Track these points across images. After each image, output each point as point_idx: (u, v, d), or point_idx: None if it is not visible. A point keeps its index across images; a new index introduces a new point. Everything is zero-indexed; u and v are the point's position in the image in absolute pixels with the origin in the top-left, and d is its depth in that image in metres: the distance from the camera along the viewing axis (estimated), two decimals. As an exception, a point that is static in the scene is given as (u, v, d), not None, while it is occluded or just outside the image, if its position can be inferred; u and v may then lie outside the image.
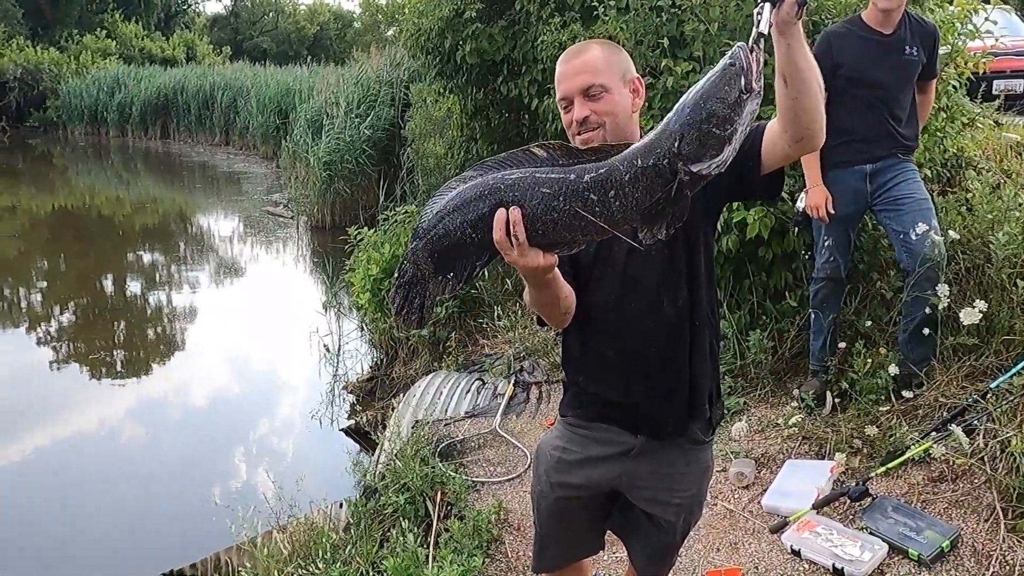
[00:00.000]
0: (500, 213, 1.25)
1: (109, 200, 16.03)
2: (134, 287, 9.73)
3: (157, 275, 10.36)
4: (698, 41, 4.08)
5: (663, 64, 4.05)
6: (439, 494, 3.10)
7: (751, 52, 1.20)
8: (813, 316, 3.42)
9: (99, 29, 28.92)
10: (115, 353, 7.42)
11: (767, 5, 1.24)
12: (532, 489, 1.89)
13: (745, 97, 1.17)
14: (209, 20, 36.37)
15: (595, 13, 4.65)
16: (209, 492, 4.61)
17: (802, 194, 3.28)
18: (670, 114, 1.22)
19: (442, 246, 1.31)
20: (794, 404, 3.42)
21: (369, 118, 11.20)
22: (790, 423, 3.30)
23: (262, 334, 7.64)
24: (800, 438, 3.23)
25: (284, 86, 18.72)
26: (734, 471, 3.09)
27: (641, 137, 1.66)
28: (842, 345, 3.43)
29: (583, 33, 4.80)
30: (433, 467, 3.25)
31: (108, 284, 9.84)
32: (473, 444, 3.60)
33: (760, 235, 3.57)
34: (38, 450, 5.37)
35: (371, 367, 6.61)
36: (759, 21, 1.24)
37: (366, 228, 7.81)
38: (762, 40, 1.23)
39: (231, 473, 5.08)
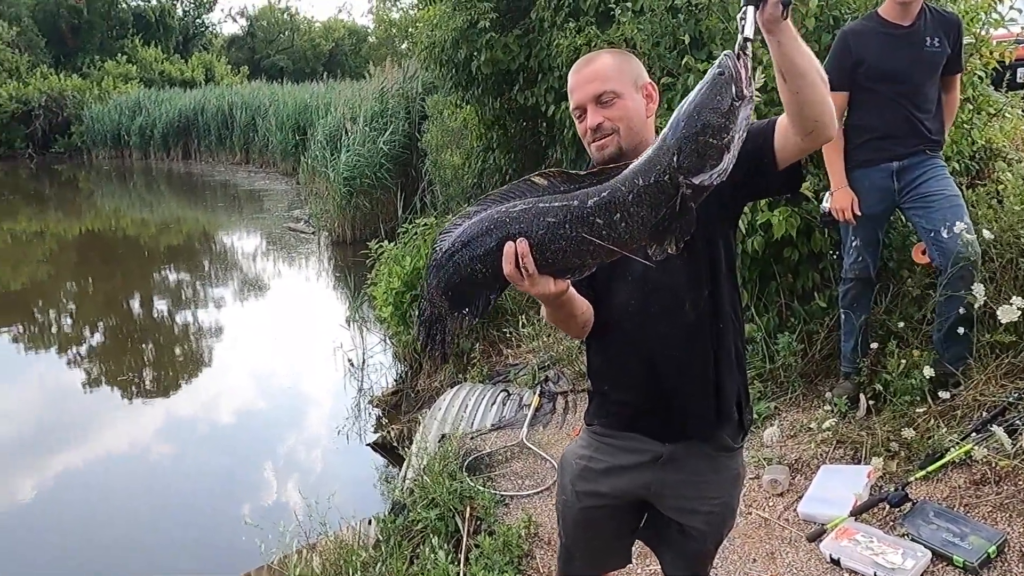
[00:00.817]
0: (508, 246, 1.26)
1: (134, 222, 16.24)
2: (160, 306, 9.84)
3: (183, 294, 10.46)
4: (717, 39, 4.05)
5: (683, 63, 4.01)
6: (468, 509, 3.07)
7: (738, 58, 1.20)
8: (843, 317, 3.35)
9: (120, 54, 29.40)
10: (143, 372, 7.50)
11: (750, 8, 1.24)
12: (557, 499, 1.87)
13: (738, 104, 1.18)
14: (226, 41, 36.85)
15: (611, 16, 4.62)
16: (238, 510, 4.61)
17: (827, 194, 3.22)
18: (665, 129, 1.23)
19: (454, 283, 1.33)
20: (827, 408, 3.34)
21: (387, 132, 11.24)
22: (823, 427, 3.22)
23: (287, 350, 7.67)
24: (834, 442, 3.15)
25: (301, 103, 18.88)
26: (767, 478, 3.03)
27: None
28: (874, 346, 3.36)
29: (599, 37, 4.78)
30: (461, 482, 3.22)
31: (135, 304, 9.96)
32: (500, 457, 3.56)
33: (786, 235, 3.50)
34: (68, 469, 5.42)
35: (396, 380, 6.60)
36: (743, 26, 1.24)
37: (387, 241, 7.85)
38: (749, 44, 1.23)
39: (260, 490, 5.09)
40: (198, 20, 35.35)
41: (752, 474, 3.14)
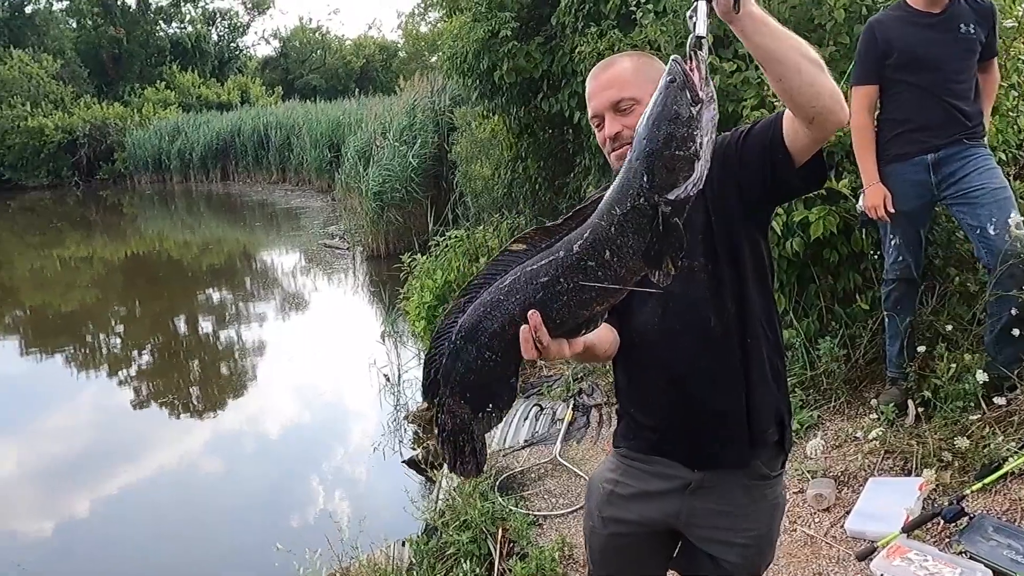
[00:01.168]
0: (523, 330, 1.18)
1: (177, 244, 16.59)
2: (205, 326, 10.02)
3: (224, 313, 10.61)
4: (743, 37, 3.93)
5: (708, 61, 3.90)
6: (500, 531, 2.99)
7: (689, 60, 1.12)
8: (887, 320, 3.20)
9: (159, 81, 30.10)
10: (190, 391, 7.63)
11: (701, 3, 1.17)
12: (584, 525, 1.79)
13: (696, 109, 1.10)
14: (260, 63, 37.51)
15: (633, 19, 4.53)
16: (273, 529, 4.60)
17: (862, 192, 3.08)
18: (630, 152, 1.16)
19: (468, 382, 1.25)
20: (873, 416, 3.19)
21: (415, 145, 11.28)
22: (870, 436, 3.07)
23: (322, 367, 7.69)
24: (882, 453, 3.00)
25: (334, 120, 19.10)
26: (812, 493, 2.89)
27: None
28: (921, 349, 3.19)
29: (621, 40, 4.68)
30: (493, 502, 3.14)
31: (180, 324, 10.16)
32: (533, 475, 3.47)
33: (824, 235, 3.37)
34: (104, 493, 5.48)
35: (431, 394, 6.54)
36: (694, 23, 1.16)
37: (419, 255, 7.83)
38: (703, 43, 1.14)
39: (296, 508, 5.07)
40: (232, 44, 36.09)
41: (796, 488, 3.01)
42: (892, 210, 2.96)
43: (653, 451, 1.62)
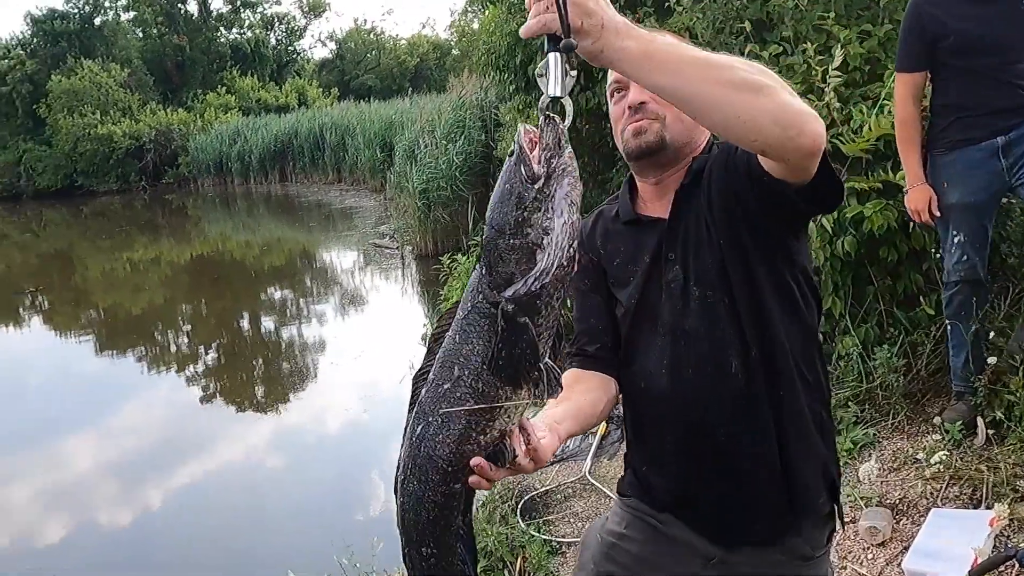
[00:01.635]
0: (473, 479, 1.00)
1: (239, 244, 17.01)
2: (266, 324, 10.26)
3: (285, 312, 10.81)
4: (787, 19, 3.63)
5: (747, 50, 3.61)
6: (520, 560, 2.78)
7: (541, 124, 0.93)
8: (950, 328, 2.86)
9: (220, 86, 30.90)
10: (253, 387, 7.85)
11: (551, 56, 0.93)
12: None
13: (535, 188, 0.91)
14: (317, 65, 38.11)
15: (667, 5, 4.27)
16: (329, 526, 4.52)
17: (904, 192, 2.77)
18: None
19: (425, 533, 1.06)
20: (936, 436, 2.85)
21: (459, 142, 11.16)
22: (933, 460, 2.74)
23: (365, 368, 7.64)
24: (947, 479, 2.67)
25: (387, 120, 19.21)
26: (865, 525, 2.58)
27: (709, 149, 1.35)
28: (992, 360, 2.84)
29: (658, 29, 4.42)
30: (513, 527, 2.93)
31: (243, 323, 10.45)
32: (559, 496, 3.25)
33: (881, 231, 3.04)
34: (174, 485, 5.59)
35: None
36: (545, 82, 0.94)
37: (461, 255, 7.69)
38: (560, 104, 0.93)
39: (324, 520, 4.98)
40: (290, 48, 36.72)
41: (847, 517, 2.70)
42: (938, 213, 2.66)
43: (667, 510, 1.37)
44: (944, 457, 2.72)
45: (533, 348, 0.91)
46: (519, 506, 3.15)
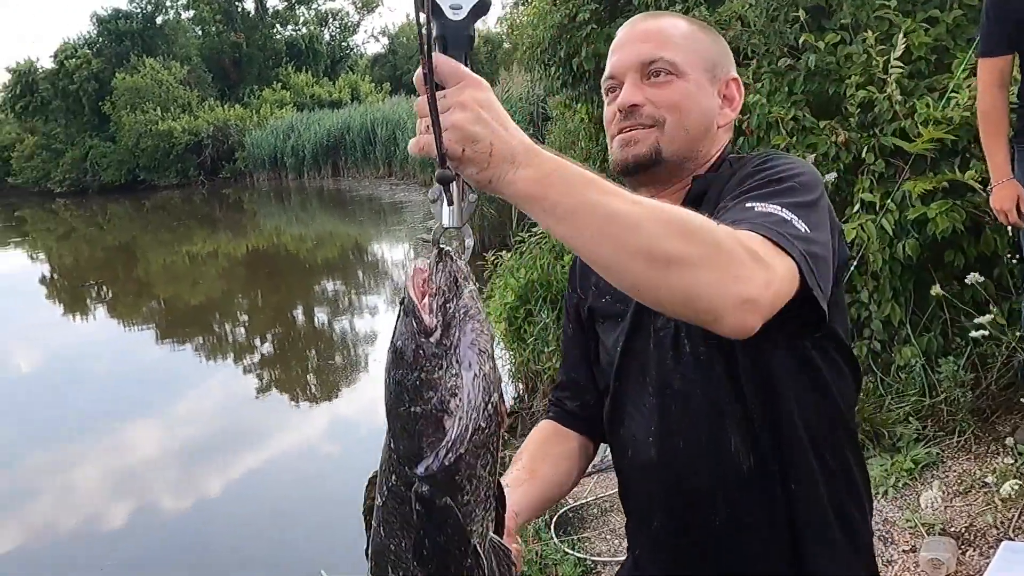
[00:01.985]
0: None
1: (293, 238, 17.28)
2: (320, 316, 10.41)
3: (338, 305, 10.92)
4: (847, 6, 3.41)
5: (803, 39, 3.41)
6: (551, 579, 2.65)
7: (432, 262, 0.76)
8: (1025, 341, 2.62)
9: (275, 82, 31.47)
10: (307, 378, 7.96)
11: (444, 192, 0.78)
12: None
13: (431, 341, 0.73)
14: (370, 60, 38.47)
15: (718, -7, 4.06)
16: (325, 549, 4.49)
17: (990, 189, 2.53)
18: None
19: None
20: (1008, 459, 2.62)
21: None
22: (1004, 485, 2.51)
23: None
24: (1021, 507, 2.44)
25: (437, 114, 19.24)
26: (927, 556, 2.37)
27: (722, 166, 1.11)
28: (1072, 377, 2.59)
29: (708, 19, 4.21)
30: (546, 543, 2.80)
31: (298, 315, 10.63)
32: (595, 510, 3.11)
33: (946, 234, 2.83)
34: (232, 474, 5.66)
35: (513, 399, 6.29)
36: (439, 212, 0.78)
37: (505, 252, 7.57)
38: (453, 239, 0.78)
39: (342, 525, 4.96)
40: (343, 43, 37.15)
41: (907, 544, 2.50)
42: None
43: None
44: (1017, 484, 2.49)
45: (460, 533, 0.75)
46: (553, 521, 3.02)
